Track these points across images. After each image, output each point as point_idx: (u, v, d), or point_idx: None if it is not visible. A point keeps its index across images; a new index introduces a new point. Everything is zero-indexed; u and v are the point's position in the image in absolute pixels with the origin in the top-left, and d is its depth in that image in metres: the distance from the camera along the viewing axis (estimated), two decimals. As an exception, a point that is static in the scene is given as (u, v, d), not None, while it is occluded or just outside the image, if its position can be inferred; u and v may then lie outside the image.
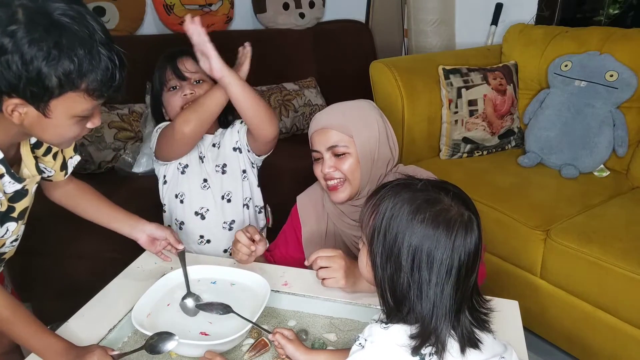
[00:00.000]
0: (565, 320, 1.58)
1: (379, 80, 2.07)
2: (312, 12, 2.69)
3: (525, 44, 2.17)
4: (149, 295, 1.02)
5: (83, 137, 1.93)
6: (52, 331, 0.95)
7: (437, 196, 0.71)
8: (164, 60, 1.34)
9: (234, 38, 2.49)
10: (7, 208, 0.96)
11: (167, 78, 1.32)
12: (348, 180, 1.17)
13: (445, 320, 0.68)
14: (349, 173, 1.16)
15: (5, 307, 0.89)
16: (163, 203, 1.41)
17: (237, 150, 1.40)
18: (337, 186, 1.18)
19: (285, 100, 2.42)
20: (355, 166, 1.16)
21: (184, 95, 1.31)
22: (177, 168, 1.37)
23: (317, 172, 1.20)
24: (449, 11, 2.60)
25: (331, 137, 1.15)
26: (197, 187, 1.37)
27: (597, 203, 1.70)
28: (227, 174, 1.39)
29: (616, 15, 2.62)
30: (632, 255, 1.40)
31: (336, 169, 1.16)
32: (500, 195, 1.76)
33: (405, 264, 0.69)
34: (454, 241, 0.68)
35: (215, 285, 1.08)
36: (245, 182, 1.41)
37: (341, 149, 1.15)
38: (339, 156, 1.16)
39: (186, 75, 1.31)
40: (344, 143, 1.15)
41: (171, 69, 1.32)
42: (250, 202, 1.44)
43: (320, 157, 1.18)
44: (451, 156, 2.09)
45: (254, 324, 0.94)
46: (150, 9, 2.33)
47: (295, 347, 0.89)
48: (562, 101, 1.93)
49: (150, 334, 0.91)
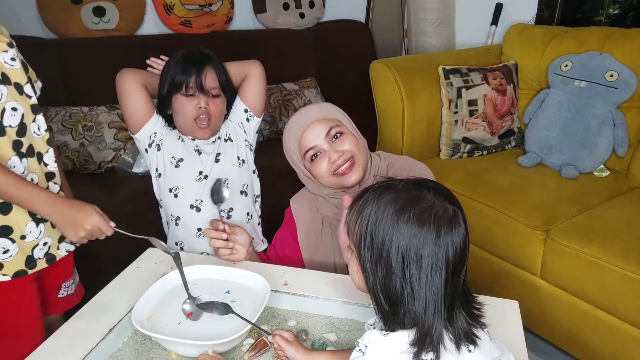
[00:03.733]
0: (565, 320, 1.58)
1: (379, 80, 2.07)
2: (312, 12, 2.70)
3: (525, 44, 2.17)
4: (149, 295, 1.02)
5: (83, 137, 1.93)
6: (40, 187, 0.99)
7: (419, 194, 0.70)
8: (185, 63, 1.32)
9: (234, 38, 2.51)
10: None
11: (188, 84, 1.31)
12: (355, 158, 1.17)
13: (438, 318, 0.67)
14: (354, 148, 1.17)
15: None
16: (159, 198, 1.41)
17: (228, 141, 1.42)
18: (347, 170, 1.16)
19: (285, 100, 2.42)
20: (355, 141, 1.18)
21: (199, 107, 1.31)
22: (171, 162, 1.36)
23: (322, 169, 1.17)
24: (449, 11, 2.60)
25: (323, 125, 1.16)
26: (193, 180, 1.36)
27: (597, 203, 1.70)
28: (221, 161, 1.39)
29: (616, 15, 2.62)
30: (632, 255, 1.40)
31: (342, 152, 1.16)
32: (500, 195, 1.76)
33: (395, 266, 0.68)
34: (442, 237, 0.67)
35: (215, 286, 1.08)
36: (241, 168, 1.42)
37: (336, 130, 1.16)
38: (336, 139, 1.16)
39: (207, 89, 1.32)
40: (336, 124, 1.17)
41: (195, 78, 1.30)
42: (249, 189, 1.44)
43: (319, 151, 1.17)
44: (451, 156, 2.09)
45: (253, 324, 0.94)
46: (150, 9, 2.34)
47: (295, 348, 0.89)
48: (562, 101, 1.93)
49: (150, 334, 0.91)
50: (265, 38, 2.57)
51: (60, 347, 0.92)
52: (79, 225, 0.97)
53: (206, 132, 1.36)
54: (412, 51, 2.71)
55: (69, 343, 0.93)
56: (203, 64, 1.32)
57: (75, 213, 0.98)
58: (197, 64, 1.31)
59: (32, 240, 1.07)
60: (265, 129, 2.34)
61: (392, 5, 2.93)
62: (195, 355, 0.94)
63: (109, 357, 0.95)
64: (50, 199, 0.99)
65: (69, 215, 0.98)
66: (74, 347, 0.92)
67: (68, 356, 0.90)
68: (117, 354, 0.96)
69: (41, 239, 1.08)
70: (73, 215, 0.98)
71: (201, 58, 1.33)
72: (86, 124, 1.97)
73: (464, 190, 1.82)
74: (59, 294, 1.23)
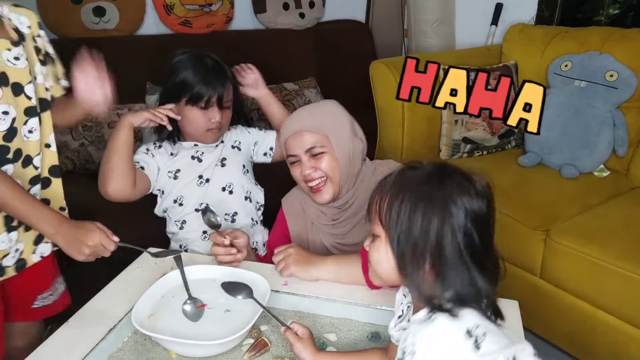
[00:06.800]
0: (565, 320, 1.58)
1: (379, 80, 2.06)
2: (312, 12, 2.69)
3: (525, 44, 2.16)
4: (149, 295, 1.02)
5: (83, 137, 1.93)
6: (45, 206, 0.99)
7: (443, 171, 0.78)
8: (204, 73, 1.30)
9: (234, 38, 2.50)
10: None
11: (209, 100, 1.30)
12: (329, 179, 1.19)
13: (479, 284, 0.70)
14: (329, 170, 1.18)
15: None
16: (164, 210, 1.41)
17: (235, 148, 1.44)
18: (320, 187, 1.20)
19: (285, 100, 2.41)
20: (333, 163, 1.18)
21: (212, 121, 1.32)
22: (168, 176, 1.37)
23: (297, 174, 1.22)
24: (449, 11, 2.60)
25: (307, 139, 1.17)
26: (194, 185, 1.37)
27: (597, 203, 1.70)
28: (227, 167, 1.41)
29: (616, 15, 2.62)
30: (632, 255, 1.40)
31: (316, 169, 1.18)
32: (500, 195, 1.73)
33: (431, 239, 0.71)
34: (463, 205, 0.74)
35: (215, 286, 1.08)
36: (245, 176, 1.44)
37: (318, 149, 1.17)
38: (316, 156, 1.18)
39: (224, 104, 1.32)
40: (321, 143, 1.17)
41: (217, 95, 1.30)
42: (252, 196, 1.45)
43: (298, 159, 1.20)
44: (451, 156, 2.09)
45: (273, 315, 0.95)
46: (150, 9, 2.33)
47: (304, 346, 0.88)
48: (562, 101, 1.93)
49: (150, 334, 0.91)
50: (265, 38, 2.57)
51: (60, 347, 0.92)
52: (82, 244, 0.95)
53: (215, 138, 1.40)
54: (412, 51, 2.71)
55: (69, 343, 0.93)
56: (224, 77, 1.32)
57: (77, 232, 0.95)
58: (218, 77, 1.31)
59: (2, 250, 1.03)
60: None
61: (392, 5, 2.92)
62: (195, 356, 0.94)
63: (108, 357, 0.95)
64: (55, 220, 0.97)
65: (70, 235, 0.96)
66: (74, 347, 0.92)
67: (68, 356, 0.90)
68: (117, 354, 0.96)
69: (12, 247, 1.05)
70: (75, 235, 0.96)
71: (219, 69, 1.33)
72: (86, 124, 1.97)
73: (464, 190, 1.82)
74: (33, 305, 1.19)
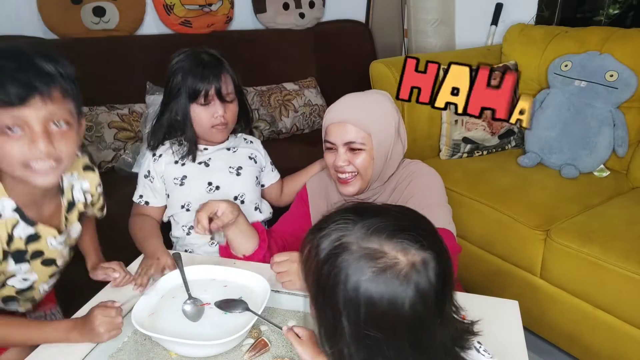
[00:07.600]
0: (565, 320, 1.58)
1: (379, 80, 2.06)
2: (312, 12, 2.69)
3: (525, 44, 2.16)
4: (149, 295, 1.03)
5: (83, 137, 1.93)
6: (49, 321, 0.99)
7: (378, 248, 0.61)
8: (200, 68, 1.27)
9: (234, 38, 2.51)
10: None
11: (207, 94, 1.27)
12: (360, 175, 1.18)
13: None
14: (361, 168, 1.17)
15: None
16: (169, 215, 1.39)
17: (252, 160, 1.42)
18: (348, 180, 1.19)
19: (285, 100, 2.42)
20: (368, 162, 1.17)
21: (215, 116, 1.29)
22: (174, 183, 1.34)
23: (330, 161, 1.21)
24: (449, 11, 2.60)
25: (349, 132, 1.16)
26: (203, 192, 1.34)
27: (597, 203, 1.70)
28: (242, 176, 1.38)
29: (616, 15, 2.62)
30: (632, 255, 1.40)
31: (350, 163, 1.17)
32: (500, 195, 1.76)
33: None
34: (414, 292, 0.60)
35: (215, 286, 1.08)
36: (257, 187, 1.43)
37: (357, 145, 1.16)
38: (354, 151, 1.17)
39: (224, 96, 1.29)
40: (361, 140, 1.16)
41: (214, 87, 1.27)
42: (261, 207, 1.44)
43: (334, 148, 1.18)
44: (451, 156, 2.09)
45: (274, 323, 0.95)
46: (150, 9, 2.33)
47: (304, 348, 0.86)
48: (562, 101, 1.93)
49: (150, 334, 0.91)
50: (265, 38, 2.57)
51: (60, 348, 0.93)
52: (93, 331, 0.93)
53: (223, 135, 1.37)
54: (412, 51, 2.71)
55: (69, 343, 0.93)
56: (219, 70, 1.28)
57: (84, 325, 0.94)
58: (213, 70, 1.27)
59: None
60: (266, 129, 2.34)
61: (392, 5, 2.92)
62: (195, 356, 0.94)
63: (108, 357, 0.95)
64: (62, 330, 0.95)
65: (81, 333, 0.94)
66: (74, 347, 0.92)
67: (68, 356, 0.91)
68: (117, 354, 0.96)
69: None
70: (84, 330, 0.94)
71: (215, 63, 1.29)
72: (86, 124, 1.97)
73: (464, 190, 1.82)
74: None
